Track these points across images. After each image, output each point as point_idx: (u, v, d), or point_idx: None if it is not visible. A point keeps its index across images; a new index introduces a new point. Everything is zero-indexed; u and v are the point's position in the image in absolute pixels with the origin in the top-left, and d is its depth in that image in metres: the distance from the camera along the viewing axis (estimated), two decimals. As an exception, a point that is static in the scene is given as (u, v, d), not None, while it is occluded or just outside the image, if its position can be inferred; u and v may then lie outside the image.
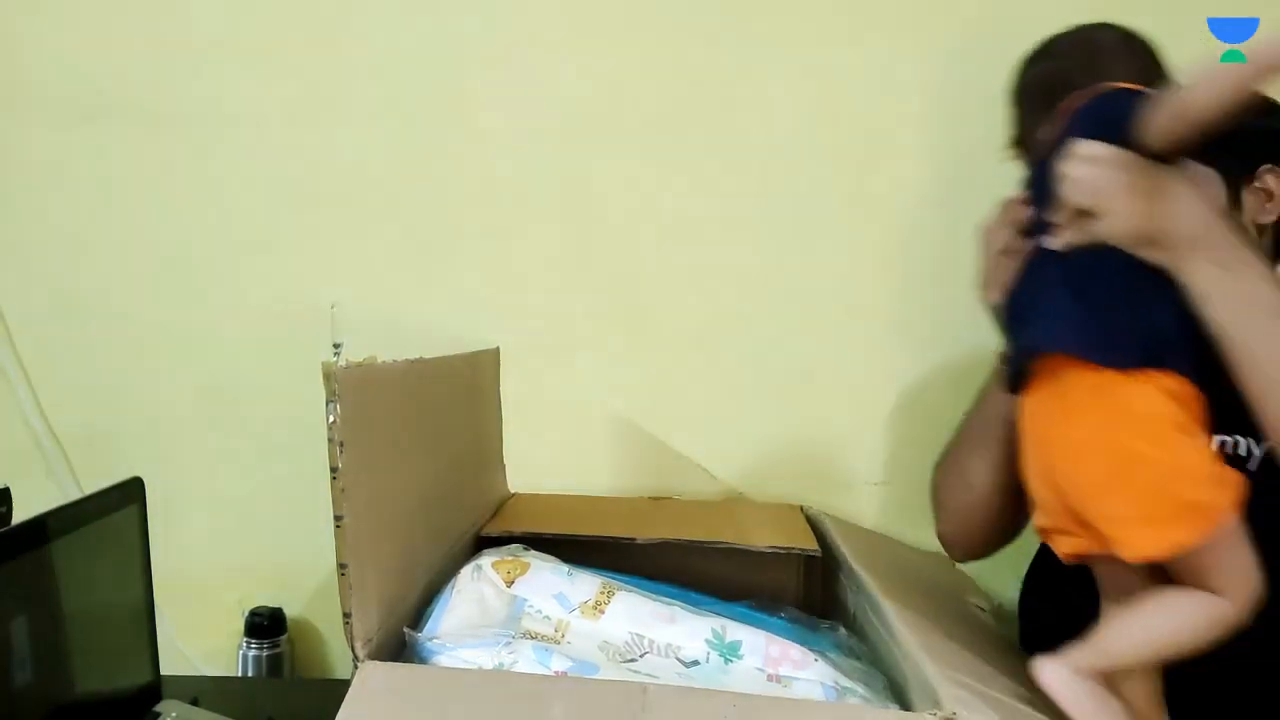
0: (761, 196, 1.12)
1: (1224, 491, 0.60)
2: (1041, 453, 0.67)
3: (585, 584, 0.72)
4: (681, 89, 1.12)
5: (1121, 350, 0.62)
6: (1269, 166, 0.81)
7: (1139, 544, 0.60)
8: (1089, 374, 0.63)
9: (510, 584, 0.71)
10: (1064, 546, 0.67)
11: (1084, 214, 0.65)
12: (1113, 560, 0.64)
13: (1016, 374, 0.68)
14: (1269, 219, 0.82)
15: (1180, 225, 0.64)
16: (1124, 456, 0.61)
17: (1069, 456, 0.64)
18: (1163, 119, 0.62)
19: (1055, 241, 0.67)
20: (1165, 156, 0.64)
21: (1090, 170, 0.65)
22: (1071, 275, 0.66)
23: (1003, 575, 0.99)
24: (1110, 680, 0.63)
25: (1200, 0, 1.02)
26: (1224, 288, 0.63)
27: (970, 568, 1.03)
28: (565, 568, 0.74)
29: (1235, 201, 0.81)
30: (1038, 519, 0.69)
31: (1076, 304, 0.65)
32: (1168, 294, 0.64)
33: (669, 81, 1.12)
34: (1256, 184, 0.81)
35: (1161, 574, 0.63)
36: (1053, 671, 0.61)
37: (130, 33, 1.14)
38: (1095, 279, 0.65)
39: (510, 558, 0.75)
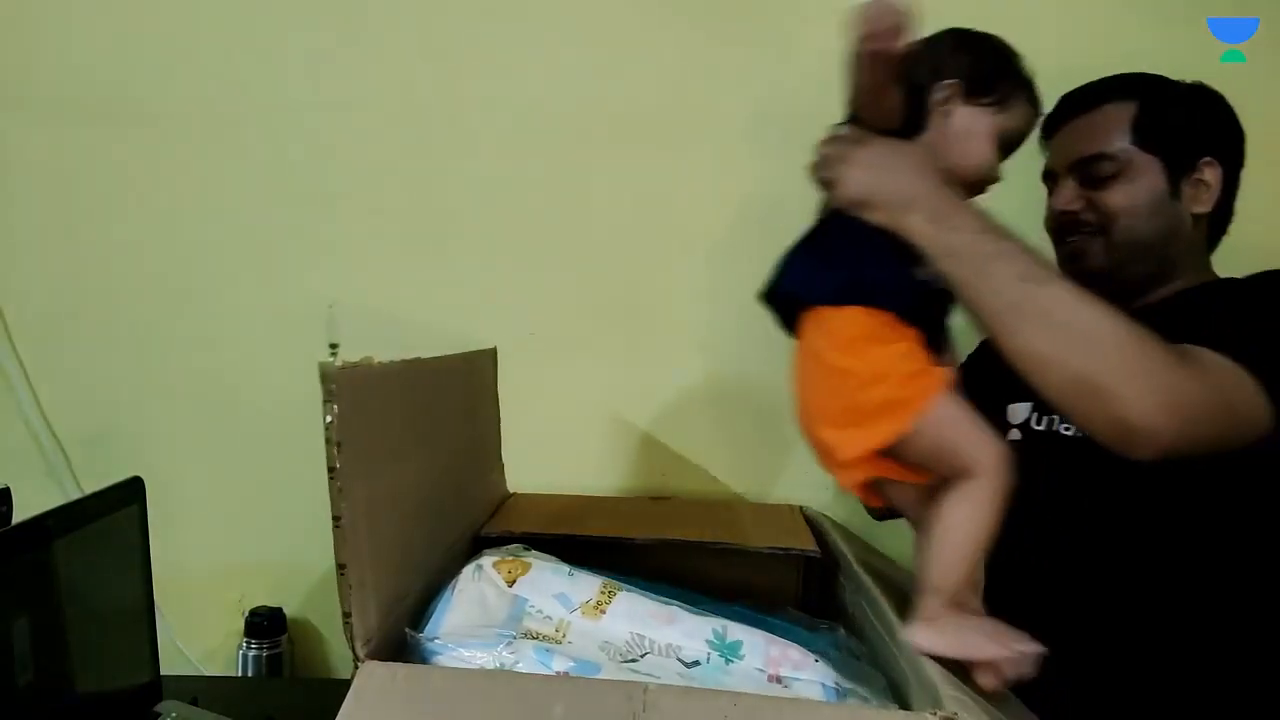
0: (762, 196, 1.12)
1: (922, 383, 0.66)
2: (796, 394, 0.74)
3: (586, 584, 0.72)
4: (681, 89, 1.12)
5: (828, 289, 0.70)
6: (1208, 159, 0.83)
7: (850, 444, 0.67)
8: (810, 313, 0.72)
9: (511, 584, 0.71)
10: (843, 479, 0.71)
11: (825, 185, 0.74)
12: (895, 485, 0.70)
13: (783, 323, 0.76)
14: (1203, 209, 0.84)
15: (892, 189, 0.71)
16: (831, 372, 0.69)
17: (800, 386, 0.73)
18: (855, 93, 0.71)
19: (817, 213, 0.77)
20: (892, 129, 0.72)
21: (825, 148, 0.74)
22: (809, 236, 0.76)
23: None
24: (958, 600, 0.65)
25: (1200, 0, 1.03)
26: (940, 241, 0.69)
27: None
28: (566, 568, 0.74)
29: (1174, 192, 0.82)
30: (817, 460, 0.74)
31: (802, 256, 0.75)
32: (886, 250, 0.70)
33: (668, 82, 1.12)
34: (1195, 175, 0.82)
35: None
36: (915, 634, 0.63)
37: (130, 33, 1.14)
38: (824, 237, 0.75)
39: (511, 557, 0.74)
